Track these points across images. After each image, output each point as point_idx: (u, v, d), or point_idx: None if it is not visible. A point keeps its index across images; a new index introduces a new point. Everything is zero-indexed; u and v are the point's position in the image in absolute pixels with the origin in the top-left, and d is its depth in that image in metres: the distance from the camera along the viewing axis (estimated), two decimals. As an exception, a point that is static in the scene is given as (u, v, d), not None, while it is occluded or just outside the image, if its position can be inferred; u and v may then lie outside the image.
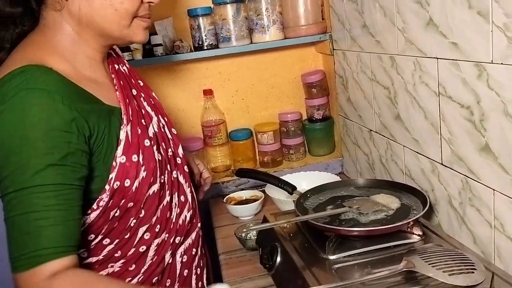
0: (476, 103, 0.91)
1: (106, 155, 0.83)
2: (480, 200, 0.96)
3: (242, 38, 1.65)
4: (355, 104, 1.54)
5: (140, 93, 1.00)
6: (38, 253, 0.73)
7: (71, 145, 0.77)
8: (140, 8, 0.87)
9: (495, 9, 0.82)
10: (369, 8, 1.30)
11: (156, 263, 0.96)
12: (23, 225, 0.74)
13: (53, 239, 0.74)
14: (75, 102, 0.78)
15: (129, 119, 0.88)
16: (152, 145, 0.92)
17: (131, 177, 0.86)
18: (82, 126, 0.79)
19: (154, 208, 0.93)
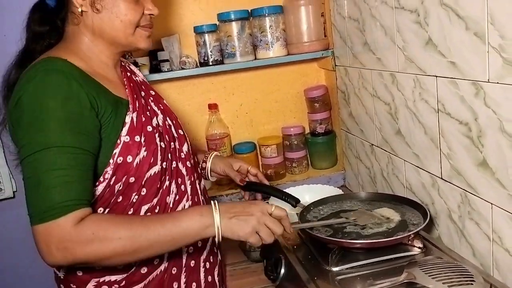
0: (474, 120, 0.95)
1: (111, 134, 0.95)
2: (478, 214, 0.98)
3: (247, 54, 1.70)
4: (357, 118, 1.57)
5: (149, 96, 1.12)
6: (66, 203, 0.83)
7: (84, 115, 0.89)
8: (142, 19, 1.02)
9: (491, 31, 0.86)
10: (370, 26, 1.35)
11: None
12: (48, 181, 0.83)
13: (79, 192, 0.85)
14: (87, 84, 0.92)
15: (135, 108, 1.01)
16: (154, 132, 1.03)
17: (133, 154, 0.97)
18: (93, 101, 0.91)
19: (155, 189, 1.02)
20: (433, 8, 1.02)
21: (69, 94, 0.88)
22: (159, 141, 1.03)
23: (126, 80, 1.07)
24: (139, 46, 1.05)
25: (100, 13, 0.98)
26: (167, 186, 1.05)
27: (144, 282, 1.02)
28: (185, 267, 1.08)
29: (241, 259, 1.33)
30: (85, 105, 0.90)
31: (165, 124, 1.10)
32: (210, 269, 1.15)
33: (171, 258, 1.06)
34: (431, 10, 1.03)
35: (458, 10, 0.94)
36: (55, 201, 0.82)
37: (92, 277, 1.00)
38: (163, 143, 1.05)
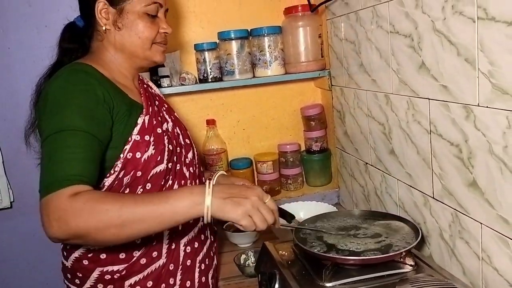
0: (464, 141, 0.98)
1: (124, 131, 1.05)
2: (468, 233, 1.01)
3: (245, 72, 1.74)
4: (352, 137, 1.61)
5: (162, 106, 1.23)
6: (68, 177, 0.89)
7: (98, 107, 0.99)
8: (157, 36, 1.15)
9: (481, 57, 0.90)
10: (365, 49, 1.39)
11: (155, 239, 1.11)
12: (57, 157, 0.91)
13: (80, 169, 0.91)
14: (105, 84, 1.04)
15: (148, 112, 1.11)
16: (164, 134, 1.12)
17: (142, 151, 1.06)
18: (108, 99, 1.02)
19: (159, 186, 1.09)
20: (427, 34, 1.06)
21: (87, 87, 1.00)
22: (167, 143, 1.12)
23: (142, 90, 1.18)
24: (155, 60, 1.17)
25: (121, 30, 1.11)
26: (170, 185, 1.13)
27: (143, 273, 1.10)
28: (181, 265, 1.16)
29: (236, 274, 1.35)
30: (99, 100, 1.00)
31: (174, 131, 1.20)
32: (205, 270, 1.22)
33: (170, 255, 1.13)
34: (424, 35, 1.07)
35: (450, 37, 0.98)
36: (58, 175, 0.89)
37: (96, 266, 1.08)
38: (171, 146, 1.14)
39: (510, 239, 0.89)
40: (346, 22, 1.51)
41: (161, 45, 1.17)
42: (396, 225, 1.20)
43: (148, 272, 1.10)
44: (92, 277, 1.08)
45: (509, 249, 0.89)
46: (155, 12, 1.13)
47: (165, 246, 1.13)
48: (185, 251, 1.16)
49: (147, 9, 1.11)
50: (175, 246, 1.15)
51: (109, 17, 1.10)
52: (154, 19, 1.13)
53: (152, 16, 1.12)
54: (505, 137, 0.86)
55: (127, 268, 1.08)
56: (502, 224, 0.90)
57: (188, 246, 1.17)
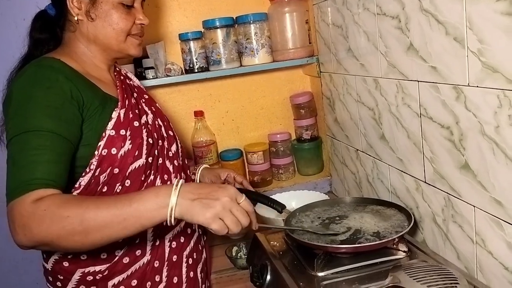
0: (455, 123, 0.96)
1: (97, 127, 1.00)
2: (462, 217, 0.99)
3: (232, 61, 1.70)
4: (342, 124, 1.58)
5: (141, 99, 1.18)
6: (31, 181, 0.85)
7: (65, 105, 0.94)
8: (133, 28, 1.10)
9: (470, 35, 0.87)
10: (353, 33, 1.36)
11: (138, 236, 1.06)
12: (20, 161, 0.87)
13: (46, 172, 0.87)
14: (74, 79, 0.98)
15: (123, 106, 1.06)
16: (142, 127, 1.08)
17: (117, 146, 1.01)
18: (76, 95, 0.97)
19: (139, 182, 1.05)
20: (414, 13, 1.03)
21: (52, 84, 0.95)
22: (146, 137, 1.08)
23: (119, 82, 1.13)
24: (129, 53, 1.12)
25: (94, 21, 1.06)
26: (152, 180, 1.08)
27: (127, 272, 1.06)
28: (167, 261, 1.12)
29: (228, 266, 1.32)
30: (66, 96, 0.95)
31: (154, 123, 1.15)
32: (193, 265, 1.18)
33: (154, 251, 1.09)
34: (412, 15, 1.04)
35: (437, 16, 0.95)
36: (22, 180, 0.85)
37: (77, 268, 1.04)
38: (151, 139, 1.09)
39: (503, 221, 0.87)
40: (333, 6, 1.48)
41: (136, 38, 1.12)
42: (388, 211, 1.18)
43: (132, 270, 1.07)
44: (73, 279, 1.04)
45: (503, 231, 0.87)
46: (131, 2, 1.08)
47: (149, 243, 1.09)
48: (170, 246, 1.13)
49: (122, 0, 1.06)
50: (160, 242, 1.11)
51: (81, 7, 1.04)
52: (129, 9, 1.08)
53: (127, 6, 1.07)
54: (496, 117, 0.84)
55: (109, 268, 1.04)
56: (496, 207, 0.88)
57: (174, 241, 1.14)
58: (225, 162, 1.82)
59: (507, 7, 0.76)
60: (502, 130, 0.83)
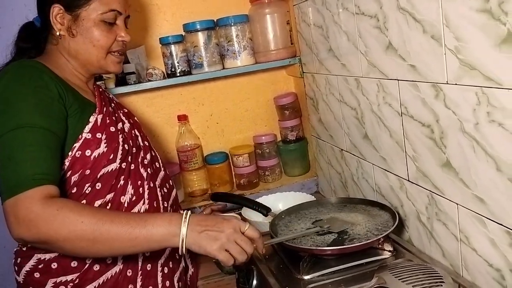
0: (435, 121, 0.96)
1: (76, 126, 1.01)
2: (445, 215, 0.99)
3: (214, 64, 1.69)
4: (326, 124, 1.58)
5: (120, 109, 1.19)
6: (35, 177, 0.87)
7: (54, 103, 0.96)
8: (114, 44, 1.11)
9: (447, 33, 0.87)
10: (333, 33, 1.36)
11: None
12: (18, 156, 0.88)
13: (46, 168, 0.90)
14: (56, 79, 1.00)
15: (101, 111, 1.08)
16: (118, 133, 1.09)
17: (92, 148, 1.02)
18: (62, 93, 0.99)
19: (109, 186, 1.04)
20: (391, 12, 1.03)
21: (40, 83, 0.96)
22: (122, 142, 1.09)
23: (97, 92, 1.14)
24: (109, 70, 1.13)
25: (75, 37, 1.07)
26: (122, 185, 1.07)
27: (98, 281, 1.04)
28: (141, 270, 1.10)
29: (214, 272, 1.31)
30: (54, 95, 0.97)
31: (131, 132, 1.16)
32: (169, 274, 1.16)
33: (126, 260, 1.07)
34: (389, 14, 1.04)
35: (414, 14, 0.95)
36: (25, 175, 0.87)
37: (48, 278, 1.03)
38: (126, 146, 1.10)
39: (486, 218, 0.87)
40: (313, 6, 1.47)
41: (116, 56, 1.13)
42: (373, 210, 1.18)
43: (103, 279, 1.05)
44: None
45: (485, 228, 0.87)
46: (113, 20, 1.09)
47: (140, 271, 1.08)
48: (143, 255, 1.10)
49: (103, 17, 1.07)
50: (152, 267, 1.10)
51: (64, 23, 1.06)
52: (111, 26, 1.09)
53: (109, 23, 1.08)
54: (475, 114, 0.84)
55: (80, 276, 1.03)
56: (478, 204, 0.88)
57: None
58: (211, 166, 1.81)
59: (482, 4, 0.76)
60: (482, 127, 0.83)
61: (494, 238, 0.86)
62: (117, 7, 1.09)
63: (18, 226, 0.85)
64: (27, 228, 0.85)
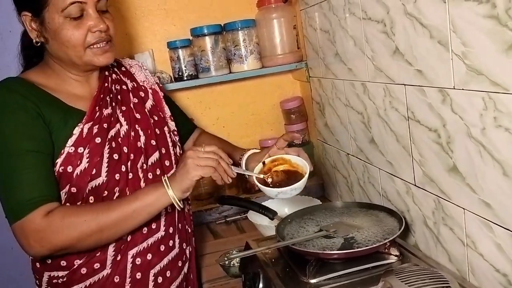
0: (442, 126, 0.96)
1: (59, 142, 1.01)
2: (452, 219, 0.99)
3: (221, 68, 1.70)
4: (332, 128, 1.58)
5: (122, 106, 1.14)
6: (33, 200, 0.94)
7: (33, 122, 0.98)
8: (89, 38, 1.03)
9: (454, 38, 0.87)
10: (340, 37, 1.36)
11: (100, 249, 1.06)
12: (13, 183, 0.94)
13: (43, 189, 0.96)
14: (33, 96, 1.00)
15: (91, 118, 1.06)
16: (105, 144, 1.06)
17: (74, 165, 1.02)
18: (37, 111, 0.99)
19: (101, 199, 1.05)
20: (398, 17, 1.03)
21: (14, 106, 0.98)
22: (108, 153, 1.06)
23: (97, 91, 1.11)
24: (95, 64, 1.07)
25: (49, 42, 1.04)
26: (118, 197, 1.07)
27: (85, 283, 1.07)
28: (130, 278, 1.09)
29: (221, 275, 1.31)
30: (31, 114, 0.98)
31: (129, 135, 1.11)
32: (164, 284, 1.14)
33: (115, 266, 1.08)
34: (396, 19, 1.05)
35: (421, 19, 0.95)
36: (24, 200, 0.93)
37: (45, 270, 1.08)
38: (116, 155, 1.08)
39: (493, 223, 0.87)
40: (320, 11, 1.48)
41: (97, 47, 1.04)
42: (380, 215, 1.18)
43: (90, 282, 1.07)
44: (43, 281, 1.09)
45: (492, 233, 0.87)
46: (79, 12, 1.00)
47: (110, 258, 1.07)
48: (133, 263, 1.09)
49: (65, 13, 0.99)
50: (121, 257, 1.08)
51: (37, 29, 1.03)
52: (80, 20, 1.01)
53: (75, 18, 1.00)
54: (482, 119, 0.84)
55: (68, 275, 1.06)
56: (485, 209, 0.88)
57: (138, 258, 1.10)
58: (217, 169, 1.81)
59: (489, 10, 0.77)
60: (488, 132, 0.83)
61: (501, 243, 0.86)
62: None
63: (31, 246, 0.94)
64: (40, 245, 0.94)
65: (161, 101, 1.26)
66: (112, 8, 1.65)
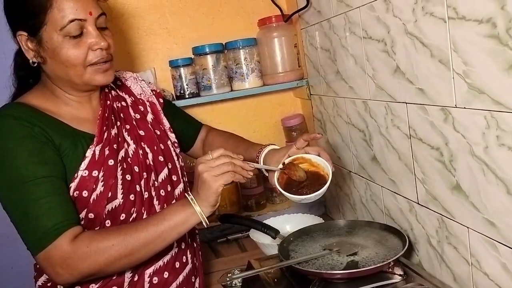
0: (445, 144, 0.96)
1: (71, 166, 0.99)
2: (456, 238, 0.98)
3: (223, 86, 1.71)
4: (334, 146, 1.58)
5: (125, 125, 1.13)
6: (56, 227, 0.91)
7: (43, 148, 0.95)
8: (90, 56, 0.99)
9: (455, 57, 0.88)
10: (341, 56, 1.37)
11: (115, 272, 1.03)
12: (34, 211, 0.91)
13: (65, 215, 0.93)
14: (40, 121, 0.97)
15: (100, 141, 1.03)
16: (117, 165, 1.04)
17: (89, 189, 0.99)
18: (46, 136, 0.96)
19: (119, 222, 1.03)
20: (399, 37, 1.04)
21: (23, 133, 0.95)
22: (121, 175, 1.04)
23: (101, 111, 1.08)
24: (96, 83, 1.03)
25: (47, 62, 1.00)
26: (135, 218, 1.05)
27: None
28: None
29: (223, 294, 1.30)
30: (40, 140, 0.95)
31: (137, 153, 1.10)
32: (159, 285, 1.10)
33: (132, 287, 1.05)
34: (397, 39, 1.06)
35: (422, 38, 0.96)
36: (47, 227, 0.91)
37: None
38: (129, 176, 1.05)
39: (497, 242, 0.86)
40: (320, 30, 1.50)
41: (98, 66, 1.01)
42: (383, 233, 1.17)
43: None
44: None
45: (497, 252, 0.86)
46: (78, 30, 0.96)
47: (127, 279, 1.05)
48: (151, 282, 1.08)
49: (65, 32, 0.95)
50: (139, 278, 1.07)
51: (33, 49, 0.98)
52: (80, 38, 0.97)
53: (74, 37, 0.96)
54: (484, 137, 0.84)
55: None
56: (489, 227, 0.87)
57: (155, 277, 1.09)
58: (218, 187, 1.81)
59: (489, 30, 0.78)
60: (491, 151, 0.83)
61: (506, 262, 0.85)
62: (77, 15, 0.95)
63: (58, 275, 0.92)
64: (68, 272, 0.92)
65: (159, 114, 1.23)
66: (114, 27, 1.68)
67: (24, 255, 1.19)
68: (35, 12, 0.95)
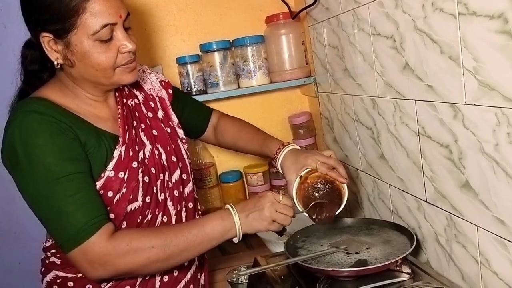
0: (454, 142, 0.95)
1: (96, 164, 0.98)
2: (465, 237, 0.97)
3: (230, 83, 1.70)
4: (341, 144, 1.57)
5: (141, 124, 1.12)
6: (91, 222, 0.90)
7: (72, 144, 0.95)
8: (119, 59, 0.99)
9: (465, 54, 0.87)
10: (349, 53, 1.36)
11: None
12: (68, 207, 0.90)
13: (98, 209, 0.93)
14: (65, 118, 0.96)
15: (124, 142, 1.03)
16: (139, 167, 1.04)
17: (114, 190, 0.99)
18: (74, 134, 0.96)
19: (135, 224, 1.03)
20: (408, 33, 1.03)
21: (52, 130, 0.93)
22: (141, 177, 1.04)
23: (120, 110, 1.08)
24: (122, 83, 1.04)
25: (75, 65, 0.97)
26: (149, 220, 1.05)
27: None
28: None
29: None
30: (69, 136, 0.95)
31: (153, 154, 1.09)
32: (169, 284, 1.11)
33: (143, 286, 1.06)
34: (406, 35, 1.05)
35: (432, 35, 0.95)
36: (82, 223, 0.90)
37: None
38: (147, 178, 1.05)
39: (507, 241, 0.85)
40: (328, 27, 1.49)
41: (126, 66, 1.00)
42: (390, 232, 1.16)
43: None
44: None
45: (507, 251, 0.86)
46: (109, 35, 0.95)
47: (140, 279, 1.05)
48: (161, 281, 1.08)
49: (97, 37, 0.93)
50: (150, 277, 1.07)
51: (59, 51, 0.95)
52: (109, 42, 0.96)
53: (105, 41, 0.95)
54: (495, 134, 0.83)
55: None
56: (498, 226, 0.86)
57: (166, 276, 1.09)
58: (225, 184, 1.81)
59: (501, 26, 0.77)
60: (502, 148, 0.82)
61: (516, 261, 0.84)
62: (110, 20, 0.94)
63: (95, 270, 0.91)
64: (104, 268, 0.91)
65: (168, 109, 1.21)
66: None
67: (32, 251, 1.19)
68: (65, 16, 0.91)
